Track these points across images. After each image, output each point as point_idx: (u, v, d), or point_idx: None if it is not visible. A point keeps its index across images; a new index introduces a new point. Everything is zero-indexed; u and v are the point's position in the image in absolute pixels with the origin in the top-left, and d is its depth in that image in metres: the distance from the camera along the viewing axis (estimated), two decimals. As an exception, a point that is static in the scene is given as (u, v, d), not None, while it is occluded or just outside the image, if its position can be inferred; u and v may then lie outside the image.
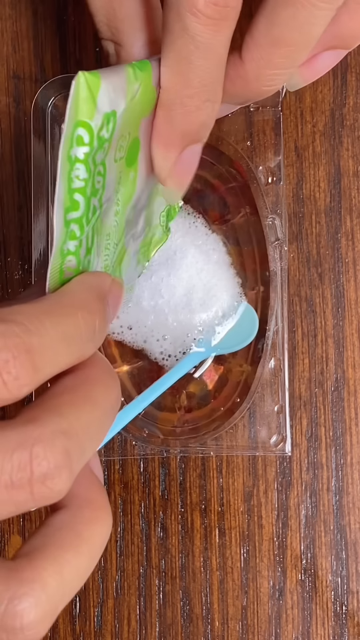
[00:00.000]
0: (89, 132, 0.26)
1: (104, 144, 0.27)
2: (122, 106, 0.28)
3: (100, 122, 0.27)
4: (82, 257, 0.30)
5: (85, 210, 0.28)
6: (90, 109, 0.26)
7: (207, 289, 0.42)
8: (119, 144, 0.29)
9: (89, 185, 0.27)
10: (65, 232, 0.27)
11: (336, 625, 0.44)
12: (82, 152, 0.26)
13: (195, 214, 0.42)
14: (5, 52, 0.45)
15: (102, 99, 0.26)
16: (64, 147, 0.26)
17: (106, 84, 0.26)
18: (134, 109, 0.29)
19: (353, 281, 0.44)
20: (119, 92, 0.27)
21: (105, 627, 0.44)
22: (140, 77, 0.28)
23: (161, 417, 0.43)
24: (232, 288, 0.42)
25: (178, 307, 0.42)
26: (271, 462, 0.44)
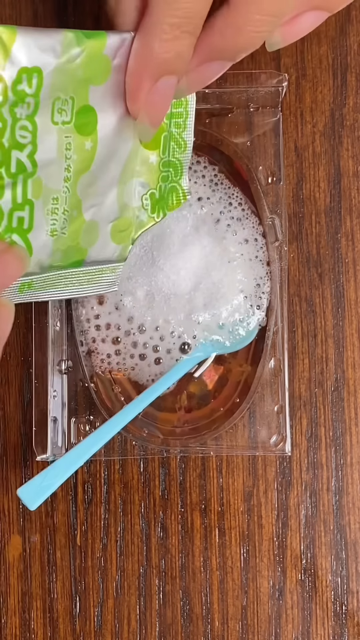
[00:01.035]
0: (2, 82, 0.27)
1: (26, 98, 0.28)
2: (50, 65, 0.28)
3: (16, 75, 0.27)
4: (6, 210, 0.30)
5: (2, 160, 0.29)
6: (1, 60, 0.27)
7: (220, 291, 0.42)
8: (56, 106, 0.30)
9: (5, 135, 0.28)
10: None
11: (336, 625, 0.44)
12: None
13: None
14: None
15: (18, 53, 0.27)
16: None
17: (25, 39, 0.27)
18: (73, 72, 0.29)
19: (353, 281, 0.45)
20: (46, 51, 0.28)
21: (105, 626, 0.44)
22: (84, 43, 0.29)
23: (161, 417, 0.43)
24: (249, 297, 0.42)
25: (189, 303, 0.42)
26: (271, 462, 0.44)
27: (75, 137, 0.32)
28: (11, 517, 0.45)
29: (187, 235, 0.42)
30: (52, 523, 0.44)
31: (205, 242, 0.42)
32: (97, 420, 0.43)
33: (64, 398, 0.43)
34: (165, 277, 0.42)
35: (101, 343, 0.42)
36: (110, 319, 0.42)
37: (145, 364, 0.42)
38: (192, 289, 0.42)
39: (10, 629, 0.44)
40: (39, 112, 0.29)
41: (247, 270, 0.42)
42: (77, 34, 0.29)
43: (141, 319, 0.42)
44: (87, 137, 0.32)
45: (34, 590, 0.44)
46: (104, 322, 0.42)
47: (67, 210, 0.34)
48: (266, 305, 0.42)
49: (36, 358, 0.42)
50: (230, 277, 0.42)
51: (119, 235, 0.38)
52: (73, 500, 0.44)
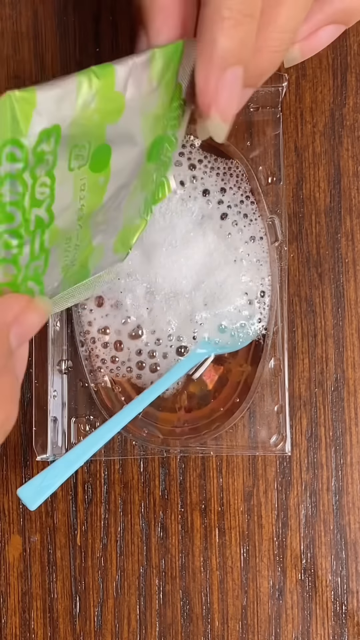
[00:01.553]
0: (22, 149, 0.26)
1: (45, 156, 0.27)
2: (68, 118, 0.27)
3: (37, 139, 0.26)
4: (24, 264, 0.30)
5: (23, 221, 0.28)
6: (22, 128, 0.26)
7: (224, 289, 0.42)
8: (73, 154, 0.29)
9: (25, 199, 0.27)
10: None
11: (336, 625, 0.44)
12: (14, 168, 0.26)
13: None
14: (5, 52, 0.45)
15: (38, 117, 0.26)
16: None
17: (44, 100, 0.26)
18: (89, 119, 0.29)
19: (353, 281, 0.45)
20: (63, 104, 0.27)
21: (105, 626, 0.44)
22: (96, 85, 0.28)
23: (161, 417, 0.43)
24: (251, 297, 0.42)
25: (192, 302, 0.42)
26: (271, 462, 0.44)
27: (89, 177, 0.31)
28: (11, 517, 0.45)
29: (189, 231, 0.42)
30: (52, 523, 0.45)
31: (210, 239, 0.42)
32: (97, 420, 0.43)
33: (64, 398, 0.43)
34: (166, 275, 0.42)
35: (101, 347, 0.42)
36: (109, 321, 0.42)
37: (145, 368, 0.42)
38: (193, 288, 0.42)
39: (10, 629, 0.44)
40: (57, 165, 0.29)
41: (253, 272, 0.42)
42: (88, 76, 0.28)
43: (140, 320, 0.42)
44: (101, 173, 0.32)
45: (34, 590, 0.45)
46: (104, 324, 0.42)
47: (78, 244, 0.34)
48: (268, 311, 0.42)
49: (36, 358, 0.42)
50: (234, 278, 0.42)
51: (120, 246, 0.38)
52: (73, 500, 0.44)
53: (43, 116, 0.26)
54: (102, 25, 0.44)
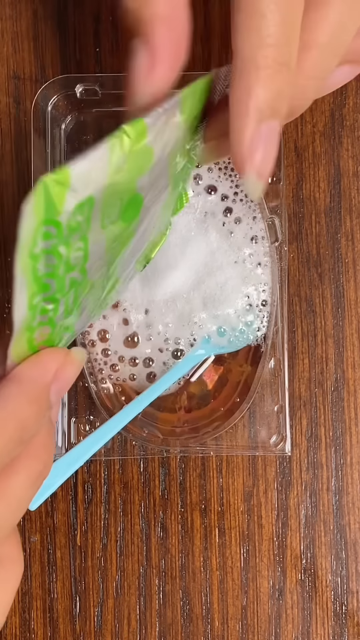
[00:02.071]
0: (58, 226, 0.26)
1: (80, 226, 0.27)
2: (101, 185, 0.27)
3: (71, 214, 0.26)
4: (59, 322, 0.30)
5: (58, 287, 0.28)
6: (57, 209, 0.26)
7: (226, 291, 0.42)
8: (104, 214, 0.29)
9: (60, 268, 0.27)
10: (31, 314, 0.27)
11: (336, 625, 0.44)
12: (49, 244, 0.26)
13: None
14: (5, 52, 0.45)
15: (73, 194, 0.26)
16: (23, 248, 0.26)
17: (78, 177, 0.26)
18: (122, 177, 0.28)
19: (353, 281, 0.45)
20: (96, 173, 0.26)
21: (105, 626, 0.44)
22: (127, 146, 0.27)
23: (161, 417, 0.43)
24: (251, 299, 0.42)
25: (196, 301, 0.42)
26: (271, 462, 0.44)
27: (121, 228, 0.31)
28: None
29: (191, 229, 0.42)
30: (52, 523, 0.44)
31: (212, 238, 0.42)
32: (97, 420, 0.43)
33: (64, 398, 0.43)
34: (165, 276, 0.42)
35: (100, 351, 0.42)
36: (108, 324, 0.42)
37: (143, 370, 0.42)
38: (192, 289, 0.42)
39: (10, 629, 0.44)
40: (90, 228, 0.28)
41: (255, 274, 0.42)
42: (120, 138, 0.27)
43: (139, 322, 0.42)
44: (132, 222, 0.31)
45: (34, 590, 0.44)
46: (102, 327, 0.42)
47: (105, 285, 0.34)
48: (268, 313, 0.42)
49: (36, 358, 0.42)
50: (236, 280, 0.42)
51: (140, 261, 0.38)
52: (73, 500, 0.44)
53: (77, 192, 0.26)
54: (102, 25, 0.44)
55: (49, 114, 0.41)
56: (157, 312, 0.42)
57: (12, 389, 0.28)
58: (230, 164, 0.42)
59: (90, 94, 0.41)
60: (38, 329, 0.29)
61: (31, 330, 0.28)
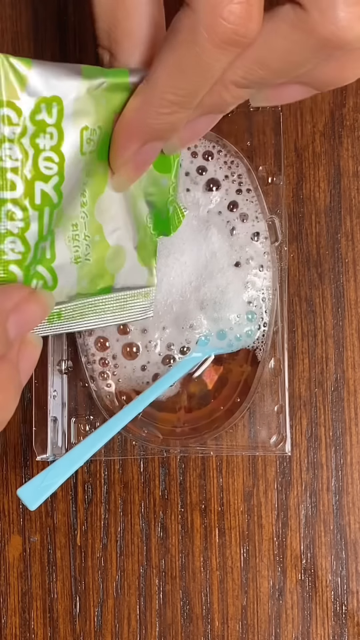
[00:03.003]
0: (17, 112, 0.27)
1: (47, 128, 0.28)
2: (71, 93, 0.28)
3: (34, 106, 0.27)
4: (32, 243, 0.30)
5: (26, 192, 0.28)
6: (15, 90, 0.26)
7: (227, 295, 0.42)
8: (84, 136, 0.29)
9: (26, 167, 0.28)
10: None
11: (336, 625, 0.44)
12: (11, 132, 0.27)
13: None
14: (5, 52, 0.44)
15: (35, 82, 0.27)
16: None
17: (40, 69, 0.27)
18: (97, 100, 0.29)
19: (353, 281, 0.45)
20: (65, 80, 0.27)
21: (105, 626, 0.44)
22: (107, 75, 0.29)
23: (161, 417, 0.43)
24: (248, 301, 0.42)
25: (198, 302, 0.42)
26: (271, 462, 0.44)
27: (95, 163, 0.32)
28: (11, 517, 0.45)
29: (193, 227, 0.42)
30: (52, 523, 0.44)
31: (214, 239, 0.42)
32: (97, 420, 0.43)
33: (64, 398, 0.43)
34: (163, 277, 0.42)
35: (99, 353, 0.42)
36: (108, 331, 0.42)
37: (142, 373, 0.42)
38: (192, 291, 0.42)
39: (10, 629, 0.44)
40: (65, 143, 0.29)
41: (256, 275, 0.42)
42: (97, 68, 0.29)
43: (137, 324, 0.42)
44: (104, 161, 0.32)
45: (34, 590, 0.45)
46: (102, 334, 0.42)
47: (87, 235, 0.34)
48: (269, 316, 0.42)
49: (36, 358, 0.42)
50: (238, 283, 0.42)
51: (144, 256, 0.38)
52: (73, 500, 0.44)
53: (40, 83, 0.27)
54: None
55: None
56: (156, 314, 0.42)
57: None
58: (233, 163, 0.42)
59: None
60: (7, 240, 0.28)
61: (0, 238, 0.28)
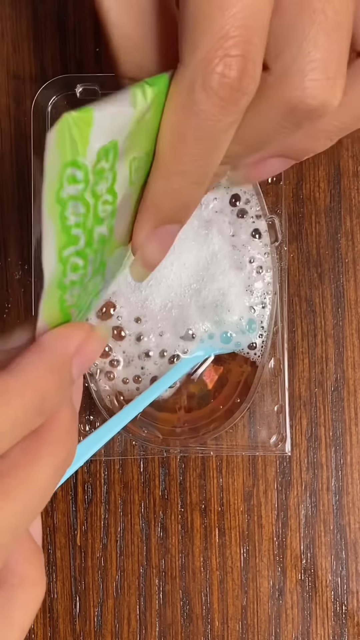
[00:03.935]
0: (83, 170, 0.25)
1: (104, 173, 0.27)
2: (125, 132, 0.27)
3: (96, 158, 0.26)
4: (87, 281, 0.29)
5: (87, 241, 0.27)
6: (80, 149, 0.25)
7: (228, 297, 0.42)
8: (133, 167, 0.28)
9: (89, 218, 0.27)
10: (62, 268, 0.27)
11: (336, 625, 0.44)
12: (75, 190, 0.26)
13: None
14: (5, 52, 0.45)
15: (96, 136, 0.25)
16: (50, 190, 0.25)
17: (101, 118, 0.25)
18: (145, 128, 0.28)
19: (353, 281, 0.45)
20: (120, 119, 0.26)
21: (105, 627, 0.44)
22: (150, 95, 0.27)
23: (161, 417, 0.43)
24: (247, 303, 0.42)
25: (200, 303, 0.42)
26: (271, 462, 0.44)
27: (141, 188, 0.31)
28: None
29: (194, 227, 0.42)
30: (52, 523, 0.44)
31: (215, 240, 0.42)
32: (97, 420, 0.43)
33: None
34: (163, 278, 0.42)
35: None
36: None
37: (142, 375, 0.42)
38: (192, 294, 0.42)
39: (10, 629, 0.44)
40: (117, 181, 0.28)
41: (258, 278, 0.42)
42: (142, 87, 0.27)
43: (134, 329, 0.42)
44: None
45: (34, 590, 0.45)
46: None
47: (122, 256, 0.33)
48: (269, 317, 0.42)
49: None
50: (239, 285, 0.42)
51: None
52: (73, 500, 0.44)
53: (101, 134, 0.25)
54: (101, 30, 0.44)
55: (48, 114, 0.41)
56: (151, 319, 0.42)
57: (33, 357, 0.27)
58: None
59: (90, 94, 0.41)
60: (69, 290, 0.28)
61: (63, 289, 0.27)
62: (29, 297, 0.43)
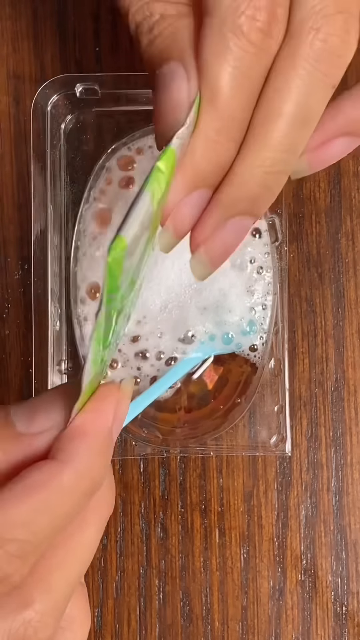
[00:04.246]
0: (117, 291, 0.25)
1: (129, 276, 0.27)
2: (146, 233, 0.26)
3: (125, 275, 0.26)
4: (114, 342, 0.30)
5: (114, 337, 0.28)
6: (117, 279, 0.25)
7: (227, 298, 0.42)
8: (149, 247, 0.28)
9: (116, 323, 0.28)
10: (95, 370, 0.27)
11: (336, 625, 0.44)
12: (109, 309, 0.26)
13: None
14: (5, 51, 0.45)
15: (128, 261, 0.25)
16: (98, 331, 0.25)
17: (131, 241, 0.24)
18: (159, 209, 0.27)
19: (353, 281, 0.44)
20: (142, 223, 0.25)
21: (105, 627, 0.44)
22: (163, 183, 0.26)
23: (161, 417, 0.43)
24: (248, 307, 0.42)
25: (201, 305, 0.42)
26: (271, 462, 0.44)
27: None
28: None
29: None
30: (51, 523, 0.44)
31: None
32: (97, 420, 0.43)
33: (64, 398, 0.43)
34: (162, 279, 0.42)
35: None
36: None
37: (142, 376, 0.42)
38: (193, 295, 0.42)
39: (10, 629, 0.44)
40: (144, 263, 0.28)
41: (259, 279, 0.42)
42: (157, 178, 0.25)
43: (133, 329, 0.42)
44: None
45: (33, 590, 0.44)
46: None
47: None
48: (270, 318, 0.42)
49: (36, 358, 0.42)
50: (240, 287, 0.42)
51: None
52: (73, 500, 0.44)
53: (132, 253, 0.25)
54: (102, 25, 0.44)
55: (48, 113, 0.41)
56: (151, 321, 0.42)
57: (81, 445, 0.27)
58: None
59: (90, 94, 0.41)
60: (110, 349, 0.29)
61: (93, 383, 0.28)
62: (28, 297, 0.43)
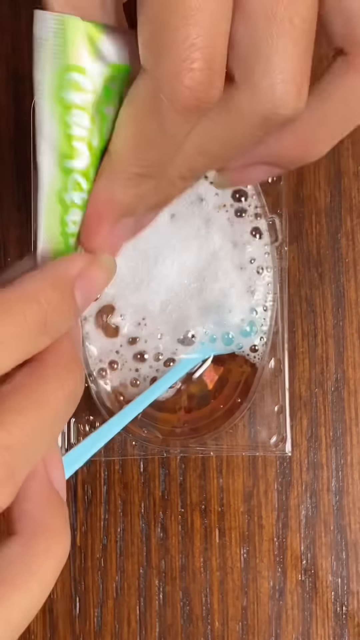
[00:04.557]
0: (89, 79, 0.24)
1: (112, 96, 0.25)
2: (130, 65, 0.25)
3: (110, 73, 0.24)
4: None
5: (92, 162, 0.26)
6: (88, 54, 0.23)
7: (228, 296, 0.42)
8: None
9: (95, 136, 0.26)
10: (63, 180, 0.25)
11: (336, 625, 0.44)
12: (81, 99, 0.24)
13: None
14: (4, 51, 0.44)
15: (107, 47, 0.24)
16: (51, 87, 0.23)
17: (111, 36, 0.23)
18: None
19: (353, 281, 0.44)
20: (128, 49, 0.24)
21: (105, 627, 0.44)
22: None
23: (161, 417, 0.43)
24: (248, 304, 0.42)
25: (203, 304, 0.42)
26: (271, 463, 0.44)
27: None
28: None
29: (194, 226, 0.42)
30: (51, 523, 0.44)
31: (216, 238, 0.42)
32: (97, 420, 0.43)
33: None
34: (162, 279, 0.42)
35: (97, 359, 0.42)
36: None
37: (142, 376, 0.42)
38: (193, 295, 0.42)
39: (10, 629, 0.44)
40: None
41: (259, 279, 0.42)
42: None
43: (133, 330, 0.42)
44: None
45: (33, 591, 0.44)
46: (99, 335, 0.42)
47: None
48: (270, 318, 0.42)
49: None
50: (240, 287, 0.42)
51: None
52: (73, 500, 0.44)
53: (111, 49, 0.24)
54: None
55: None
56: (151, 321, 0.42)
57: (35, 275, 0.26)
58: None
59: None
60: (70, 211, 0.27)
61: (64, 207, 0.26)
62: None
